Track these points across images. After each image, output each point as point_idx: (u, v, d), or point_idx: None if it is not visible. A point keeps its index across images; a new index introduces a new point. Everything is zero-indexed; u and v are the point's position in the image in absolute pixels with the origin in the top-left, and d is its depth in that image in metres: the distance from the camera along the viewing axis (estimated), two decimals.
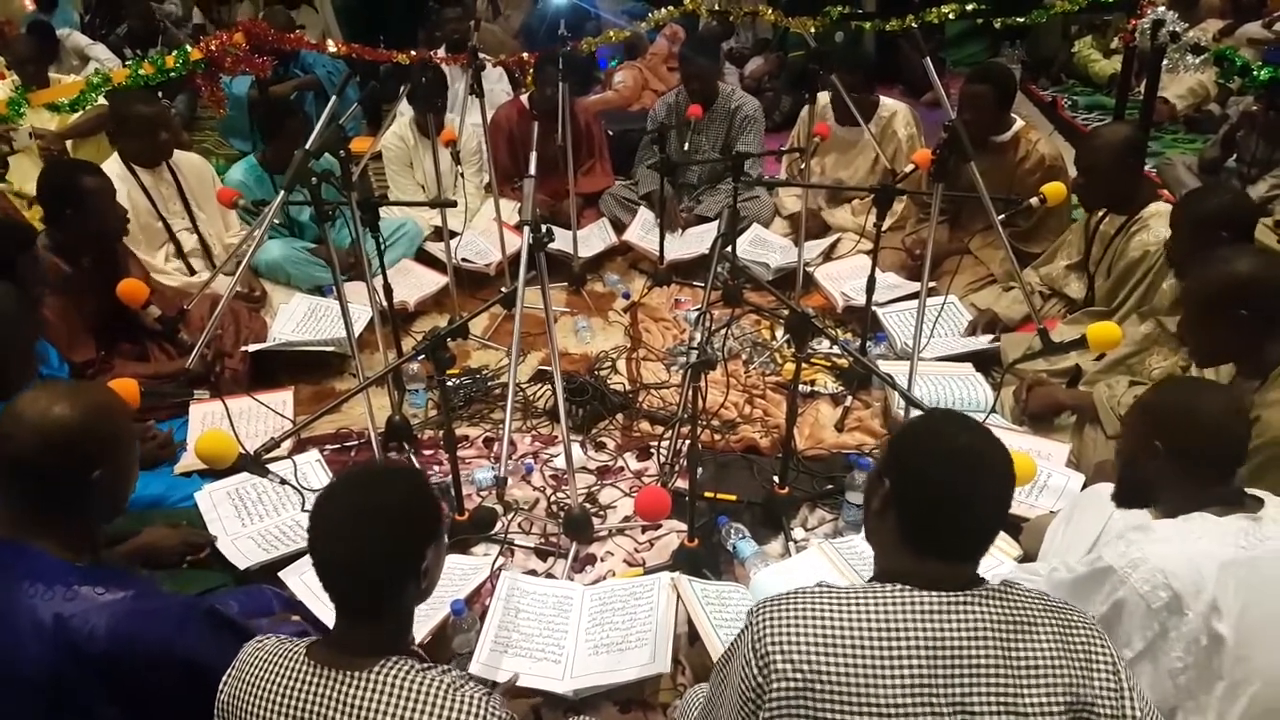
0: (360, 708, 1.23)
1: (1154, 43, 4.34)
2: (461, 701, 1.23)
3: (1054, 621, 1.24)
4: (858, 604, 1.24)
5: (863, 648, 1.20)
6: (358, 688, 1.24)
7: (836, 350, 3.30)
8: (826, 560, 2.30)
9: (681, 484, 2.66)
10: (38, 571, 1.43)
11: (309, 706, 1.25)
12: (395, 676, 1.24)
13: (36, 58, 4.63)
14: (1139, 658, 1.51)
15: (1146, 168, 4.01)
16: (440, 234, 3.66)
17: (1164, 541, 1.53)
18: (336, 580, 1.31)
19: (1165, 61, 4.42)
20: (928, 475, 1.28)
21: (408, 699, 1.22)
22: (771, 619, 1.25)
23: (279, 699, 1.27)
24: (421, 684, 1.24)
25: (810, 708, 1.20)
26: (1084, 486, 2.43)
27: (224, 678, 1.35)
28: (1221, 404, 1.62)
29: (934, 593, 1.23)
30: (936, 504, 1.27)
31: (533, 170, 2.23)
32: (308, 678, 1.27)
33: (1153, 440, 1.62)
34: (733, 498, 2.71)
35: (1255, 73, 4.18)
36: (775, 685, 1.21)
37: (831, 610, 1.24)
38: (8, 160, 4.56)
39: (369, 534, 1.29)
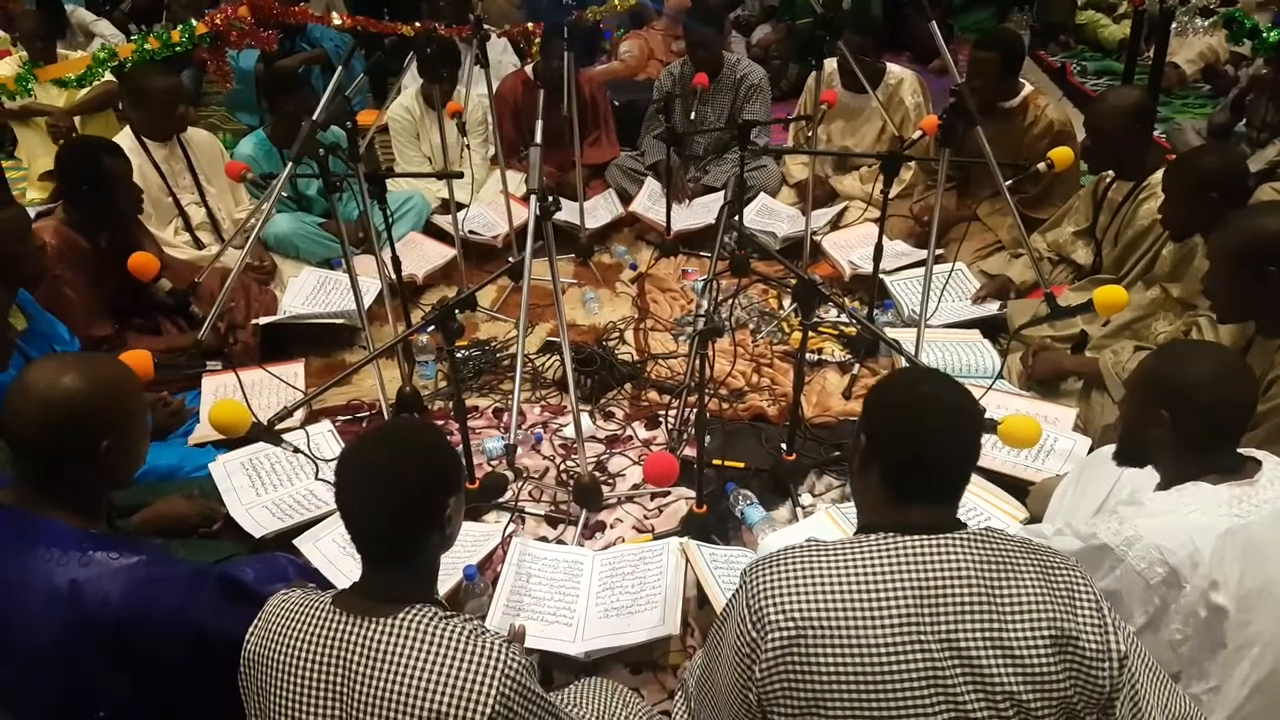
0: (384, 652, 1.27)
1: (1163, 6, 4.31)
2: (482, 647, 1.26)
3: (1035, 562, 1.28)
4: (846, 554, 1.28)
5: (852, 594, 1.24)
6: (382, 633, 1.28)
7: (844, 318, 3.31)
8: (834, 525, 2.32)
9: (690, 452, 2.68)
10: (53, 538, 1.44)
11: (334, 651, 1.29)
12: (419, 622, 1.28)
13: (44, 33, 4.62)
14: (1140, 631, 1.52)
15: (1156, 133, 3.99)
16: (447, 207, 3.67)
17: (1157, 516, 1.53)
18: (362, 529, 1.36)
19: (1174, 25, 4.38)
20: (896, 423, 1.36)
21: (431, 643, 1.26)
22: (763, 575, 1.29)
23: (305, 646, 1.31)
24: (444, 630, 1.27)
25: (804, 655, 1.22)
26: (1090, 450, 2.45)
27: (249, 630, 1.38)
28: (1229, 371, 1.60)
29: (918, 537, 1.27)
30: (907, 448, 1.33)
31: (538, 139, 2.23)
32: (333, 624, 1.31)
33: (1158, 408, 1.61)
34: (740, 465, 2.73)
35: (1265, 35, 4.14)
36: (770, 638, 1.24)
37: (821, 562, 1.28)
38: (15, 136, 4.58)
39: (394, 483, 1.34)
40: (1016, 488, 2.42)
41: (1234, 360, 1.67)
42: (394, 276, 3.05)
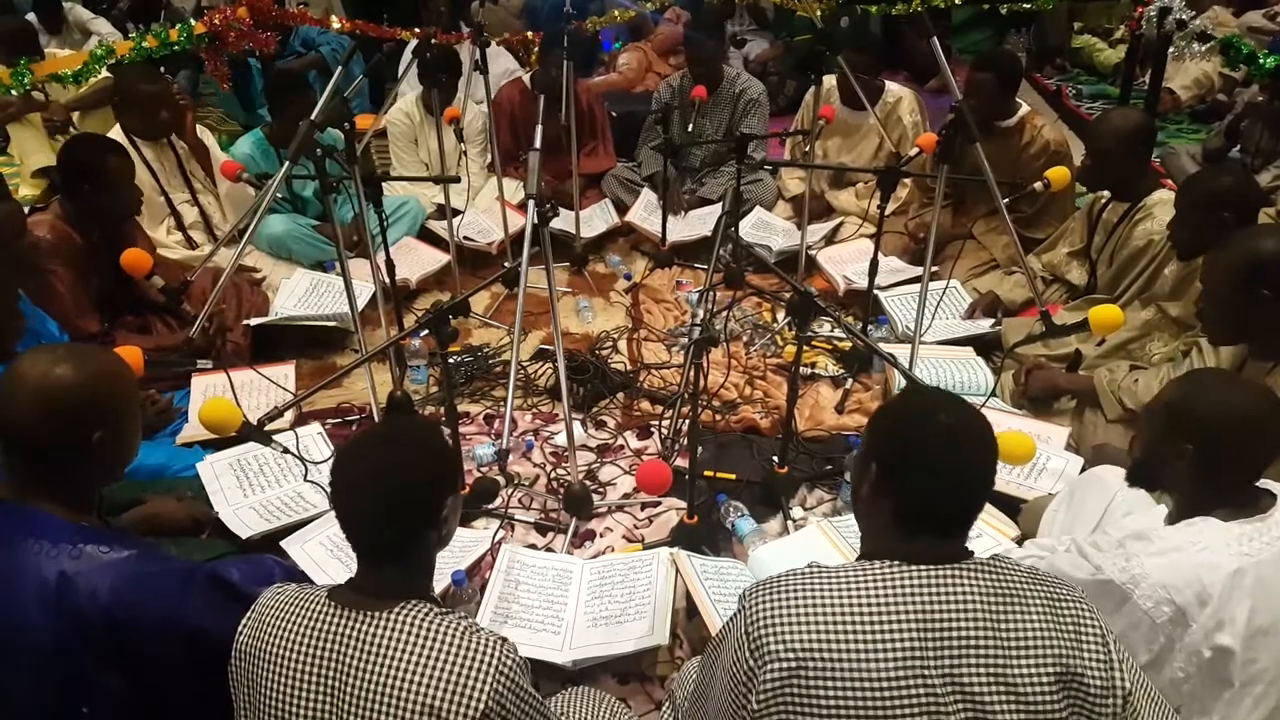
0: (378, 646, 1.26)
1: (1160, 30, 4.33)
2: (477, 643, 1.26)
3: (1043, 595, 1.25)
4: (849, 582, 1.24)
5: (854, 625, 1.21)
6: (377, 627, 1.27)
7: (837, 333, 3.31)
8: (825, 538, 2.31)
9: (681, 462, 2.67)
10: (43, 530, 1.43)
11: (329, 645, 1.28)
12: (413, 617, 1.27)
13: (17, 40, 4.51)
14: (1143, 668, 1.48)
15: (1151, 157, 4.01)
16: (443, 212, 3.66)
17: (1166, 554, 1.50)
18: (357, 528, 1.35)
19: (1171, 50, 4.41)
20: (911, 457, 1.29)
21: (425, 638, 1.26)
22: (763, 601, 1.25)
23: (299, 639, 1.30)
24: (439, 626, 1.27)
25: (802, 688, 1.20)
26: (1083, 469, 2.44)
27: (242, 622, 1.37)
28: (1264, 412, 1.53)
29: (923, 567, 1.24)
30: (924, 481, 1.28)
31: (538, 144, 2.22)
32: (328, 618, 1.30)
33: (1184, 441, 1.55)
34: (732, 476, 2.72)
35: (1261, 61, 4.17)
36: (768, 667, 1.21)
37: (823, 590, 1.24)
38: (7, 133, 4.54)
39: (390, 485, 1.33)
40: (1008, 505, 2.41)
41: (1268, 399, 1.57)
42: (387, 280, 3.04)
